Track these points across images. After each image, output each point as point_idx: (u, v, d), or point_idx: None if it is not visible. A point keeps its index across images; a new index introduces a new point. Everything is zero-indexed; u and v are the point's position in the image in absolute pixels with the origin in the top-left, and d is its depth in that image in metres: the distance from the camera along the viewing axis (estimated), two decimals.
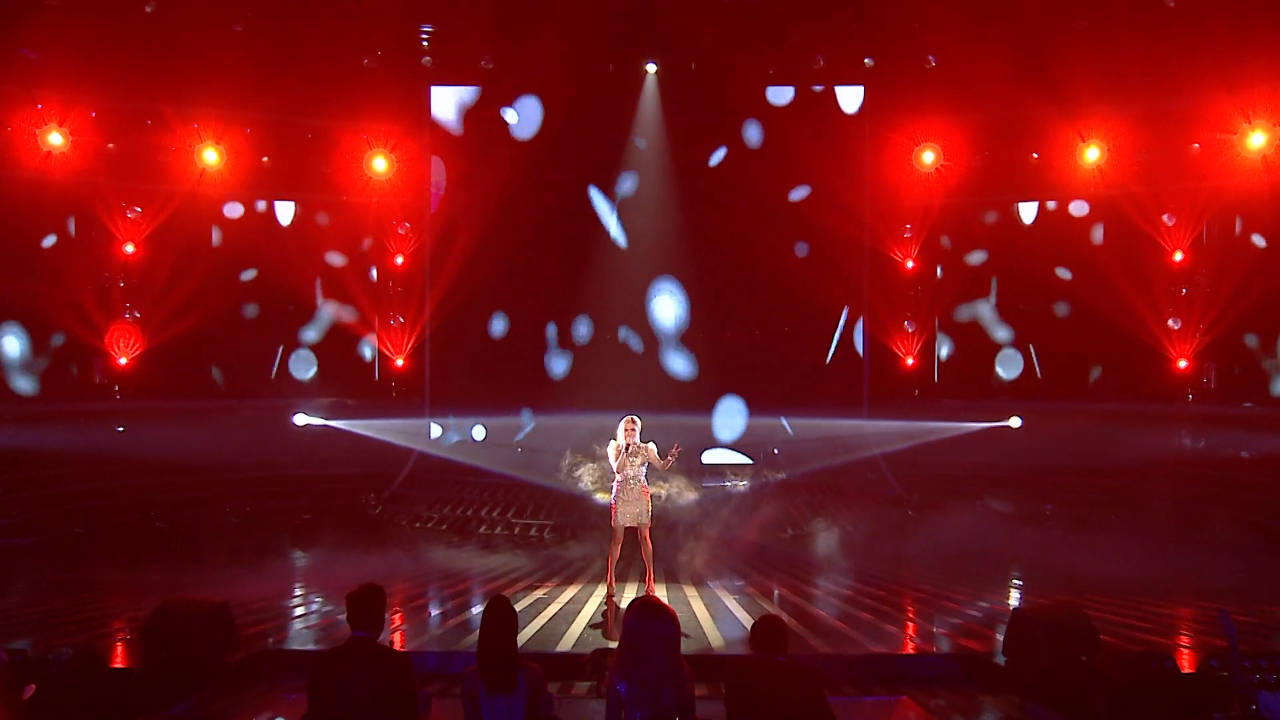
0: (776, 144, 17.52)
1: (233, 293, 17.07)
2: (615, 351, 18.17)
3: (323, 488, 16.34)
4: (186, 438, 15.51)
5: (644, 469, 9.62)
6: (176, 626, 6.97)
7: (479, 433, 18.17)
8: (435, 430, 18.27)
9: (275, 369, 17.80)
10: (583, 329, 18.25)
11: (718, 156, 17.92)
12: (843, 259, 17.94)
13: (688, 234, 17.96)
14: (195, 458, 15.51)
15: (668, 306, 18.21)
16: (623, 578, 10.77)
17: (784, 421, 17.79)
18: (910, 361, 18.26)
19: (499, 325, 18.45)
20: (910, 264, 18.25)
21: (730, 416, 17.89)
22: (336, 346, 18.08)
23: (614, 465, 9.59)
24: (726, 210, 17.95)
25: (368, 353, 18.35)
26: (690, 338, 18.15)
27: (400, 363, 18.34)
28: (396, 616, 8.81)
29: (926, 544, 12.87)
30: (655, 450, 9.63)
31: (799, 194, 17.48)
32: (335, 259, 17.91)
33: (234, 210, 17.44)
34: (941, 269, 18.09)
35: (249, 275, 17.23)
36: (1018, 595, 10.27)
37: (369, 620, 4.71)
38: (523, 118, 17.97)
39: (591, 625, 8.47)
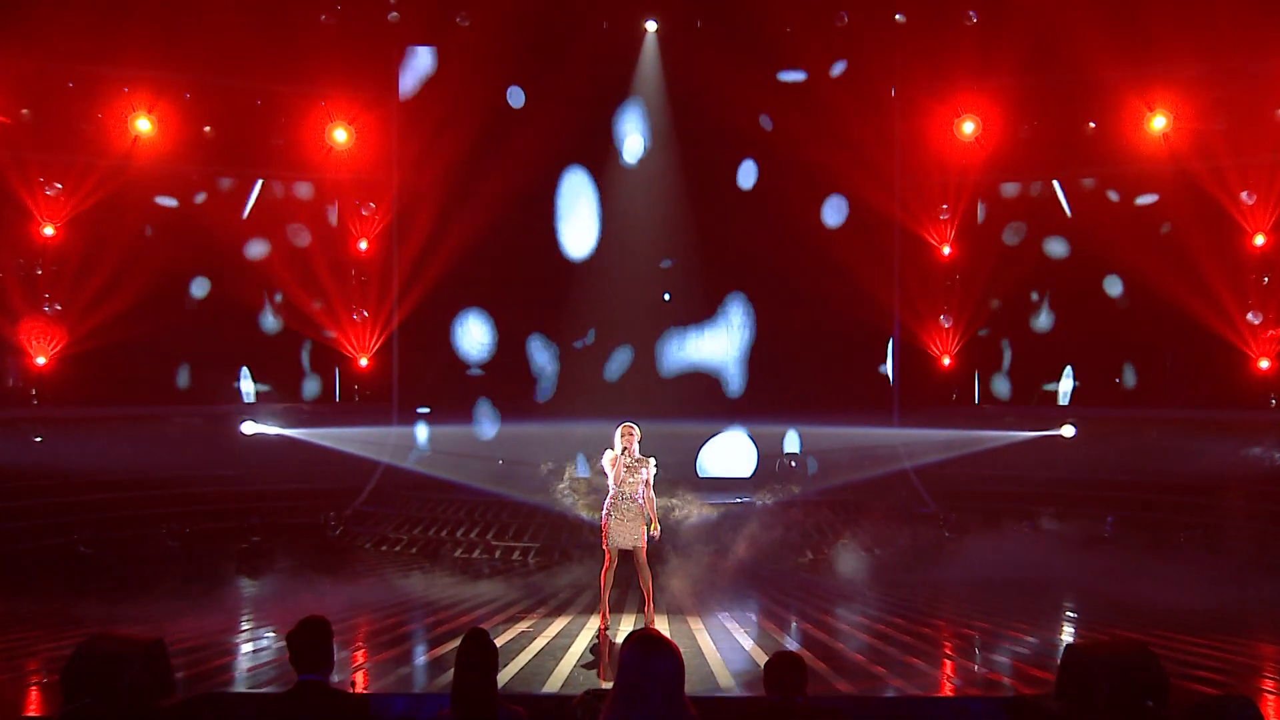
0: (794, 116, 17.50)
1: (171, 282, 17.02)
2: (609, 351, 18.17)
3: (274, 505, 16.31)
4: (116, 449, 15.45)
5: (642, 487, 9.57)
6: (102, 668, 6.90)
7: (421, 434, 18.18)
8: (422, 434, 18.28)
9: (221, 371, 17.78)
10: (573, 326, 18.26)
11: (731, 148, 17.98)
12: (872, 243, 17.94)
13: (692, 217, 17.98)
14: (126, 472, 15.44)
15: (669, 299, 18.25)
16: (618, 608, 10.72)
17: (794, 440, 17.79)
18: (947, 362, 18.25)
19: (477, 320, 18.45)
20: (947, 249, 18.24)
21: (730, 451, 18.00)
22: (291, 344, 18.04)
23: (610, 479, 9.55)
24: (737, 188, 17.95)
25: (328, 351, 18.33)
26: (694, 333, 18.17)
27: (364, 362, 18.31)
28: (359, 653, 8.75)
29: (966, 570, 12.86)
30: (654, 471, 9.59)
31: (821, 171, 17.47)
32: (289, 244, 17.87)
33: (172, 189, 17.39)
34: (982, 254, 18.08)
35: (190, 262, 17.17)
36: (1072, 630, 10.25)
37: (314, 660, 4.67)
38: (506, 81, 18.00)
39: (583, 664, 8.43)
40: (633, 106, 18.22)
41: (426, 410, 18.32)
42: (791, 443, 17.99)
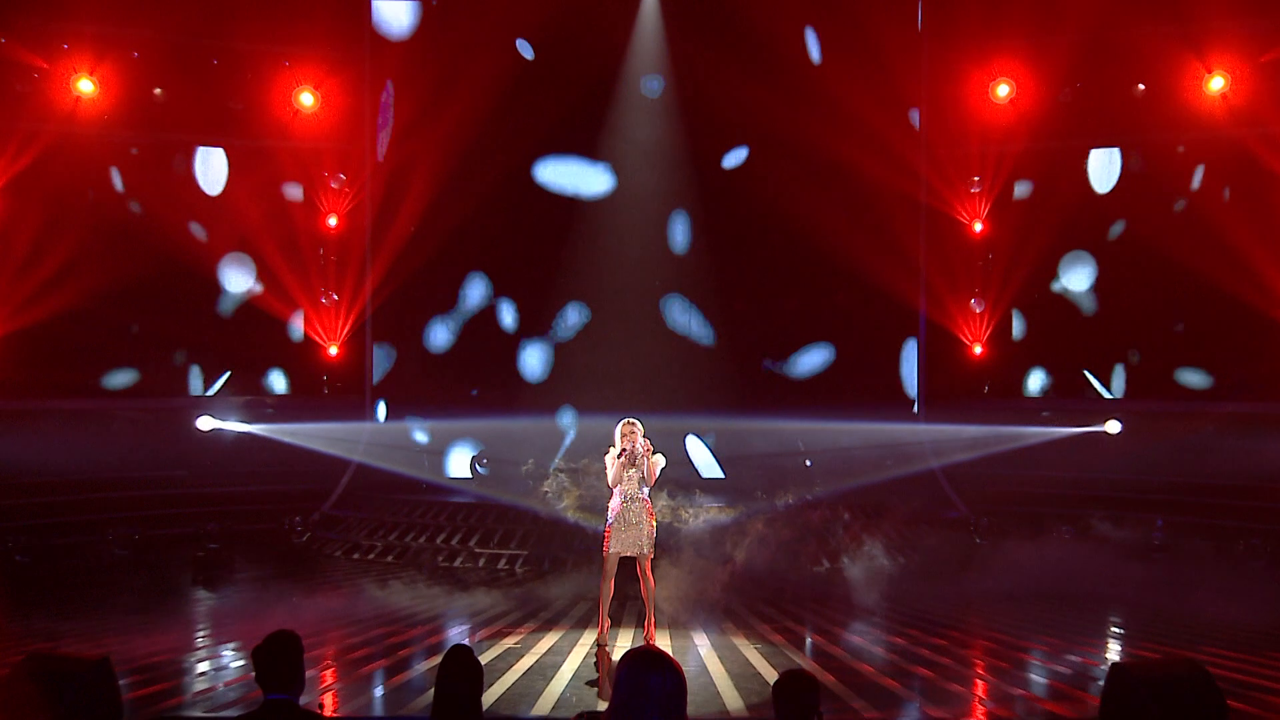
0: (807, 76, 17.46)
1: (117, 261, 16.94)
2: (606, 338, 18.17)
3: (234, 509, 16.31)
4: (57, 446, 15.43)
5: (642, 484, 9.56)
6: (42, 689, 6.88)
7: (421, 437, 18.21)
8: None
9: (172, 360, 17.74)
10: (567, 310, 18.24)
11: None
12: (893, 219, 17.93)
13: (696, 190, 17.98)
14: (69, 472, 15.42)
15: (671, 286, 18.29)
16: (616, 622, 10.71)
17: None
18: (979, 350, 18.24)
19: (461, 304, 18.43)
20: (979, 226, 18.21)
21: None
22: (252, 332, 18.02)
23: (610, 474, 9.54)
24: (746, 160, 17.92)
25: (294, 338, 18.31)
26: (698, 315, 18.16)
27: (334, 351, 18.29)
28: (329, 673, 8.75)
29: (999, 580, 12.87)
30: (661, 463, 9.58)
31: (837, 139, 17.46)
32: (250, 219, 17.80)
33: (118, 157, 17.32)
34: (1017, 231, 18.06)
35: (138, 239, 17.09)
36: (1118, 647, 10.25)
37: (283, 678, 4.67)
38: (492, 42, 17.94)
39: (577, 683, 8.42)
40: (634, 71, 18.22)
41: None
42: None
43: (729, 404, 17.97)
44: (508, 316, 18.39)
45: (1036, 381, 18.36)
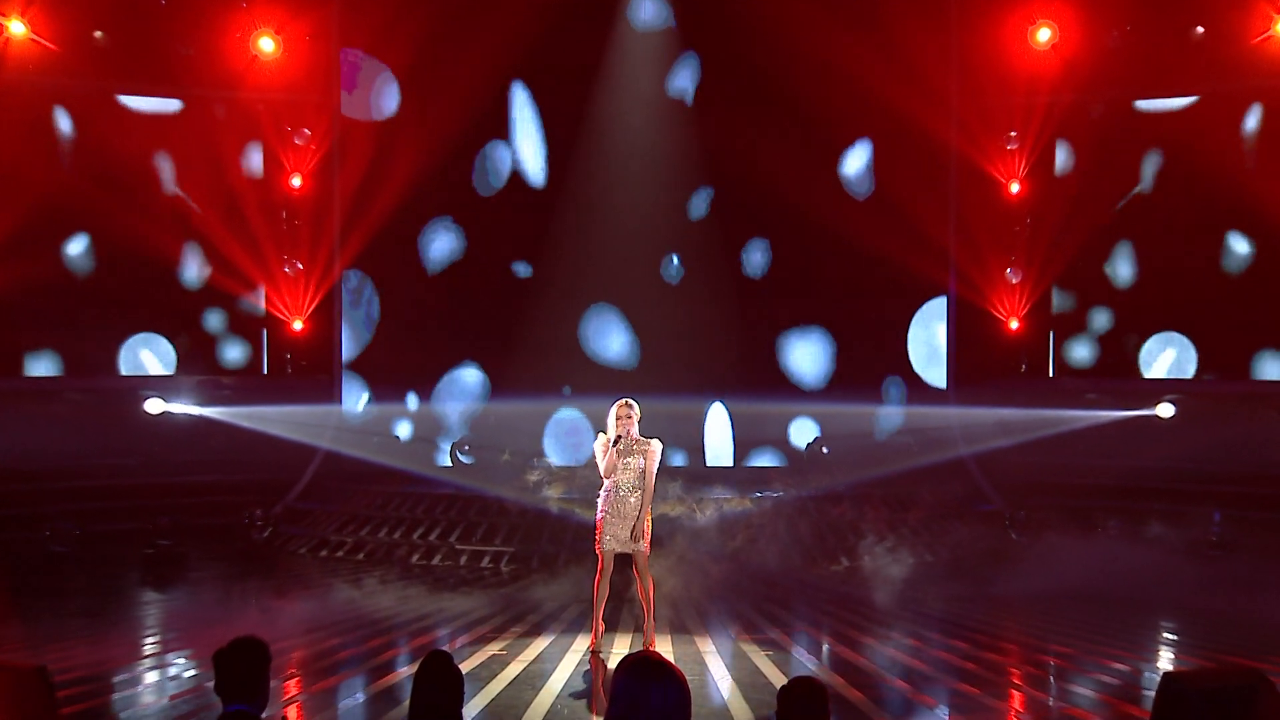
0: (821, 17, 17.35)
1: (54, 224, 16.86)
2: (602, 312, 18.17)
3: (187, 502, 16.27)
4: None
5: (639, 475, 9.53)
6: None
7: (404, 430, 18.22)
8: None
9: (119, 337, 17.70)
10: (557, 282, 18.23)
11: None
12: (922, 178, 17.83)
13: (701, 141, 17.90)
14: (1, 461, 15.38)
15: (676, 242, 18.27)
16: (612, 625, 10.72)
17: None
18: (1015, 325, 18.19)
19: (442, 270, 18.40)
20: (1016, 186, 18.12)
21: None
22: (207, 304, 17.95)
23: (601, 465, 9.50)
24: (751, 107, 17.83)
25: (254, 311, 18.25)
26: (700, 284, 18.14)
27: (298, 326, 18.23)
28: (293, 683, 8.74)
29: (1038, 580, 12.87)
30: (659, 452, 9.54)
31: (861, 89, 17.37)
32: (203, 179, 17.70)
33: (54, 108, 17.20)
34: (1058, 192, 17.96)
35: (77, 200, 16.99)
36: (1170, 655, 10.27)
37: (246, 688, 4.68)
38: None
39: (568, 695, 8.42)
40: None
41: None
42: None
43: (737, 384, 17.95)
44: (496, 280, 18.35)
45: (1079, 359, 18.31)
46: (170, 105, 17.81)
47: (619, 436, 9.42)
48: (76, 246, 17.28)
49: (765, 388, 18.05)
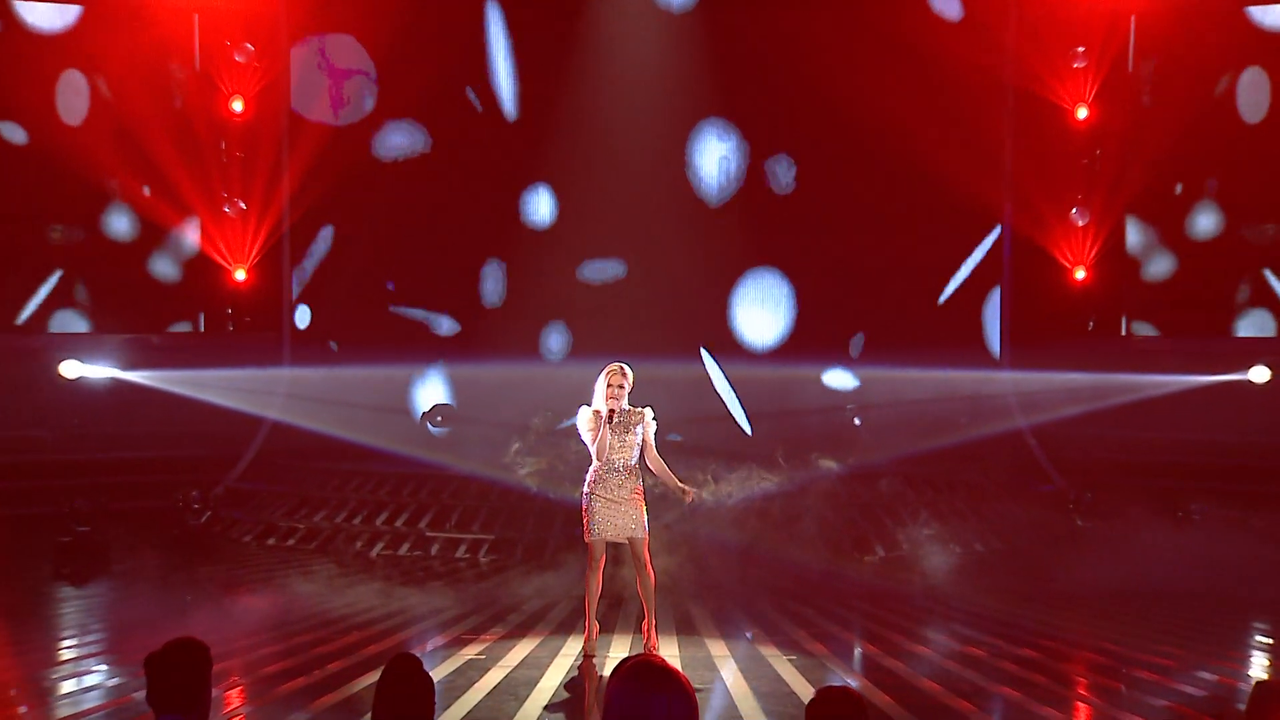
0: None
1: None
2: (600, 265, 18.20)
3: (110, 482, 16.24)
4: None
5: (637, 452, 9.51)
6: None
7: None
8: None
9: (25, 286, 17.64)
10: (546, 209, 18.21)
11: None
12: (972, 102, 17.71)
13: (718, 63, 17.84)
14: None
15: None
16: (607, 626, 10.73)
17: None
18: (1081, 275, 18.14)
19: (411, 211, 18.37)
20: (1083, 112, 18.01)
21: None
22: (132, 249, 17.87)
23: (590, 445, 9.47)
24: (779, 23, 17.77)
25: (187, 257, 18.17)
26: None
27: (241, 276, 18.17)
28: (236, 692, 8.75)
29: (1108, 574, 12.85)
30: (653, 426, 9.52)
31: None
32: (127, 102, 17.58)
33: None
34: (1135, 120, 17.83)
35: None
36: (1264, 661, 10.24)
37: (183, 697, 4.63)
38: None
39: (555, 704, 8.40)
40: None
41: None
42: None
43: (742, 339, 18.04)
44: (476, 224, 18.33)
45: (1159, 315, 18.25)
46: (70, 12, 17.59)
47: (611, 410, 9.37)
48: None
49: (784, 344, 18.06)
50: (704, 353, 18.22)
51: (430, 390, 18.32)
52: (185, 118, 17.93)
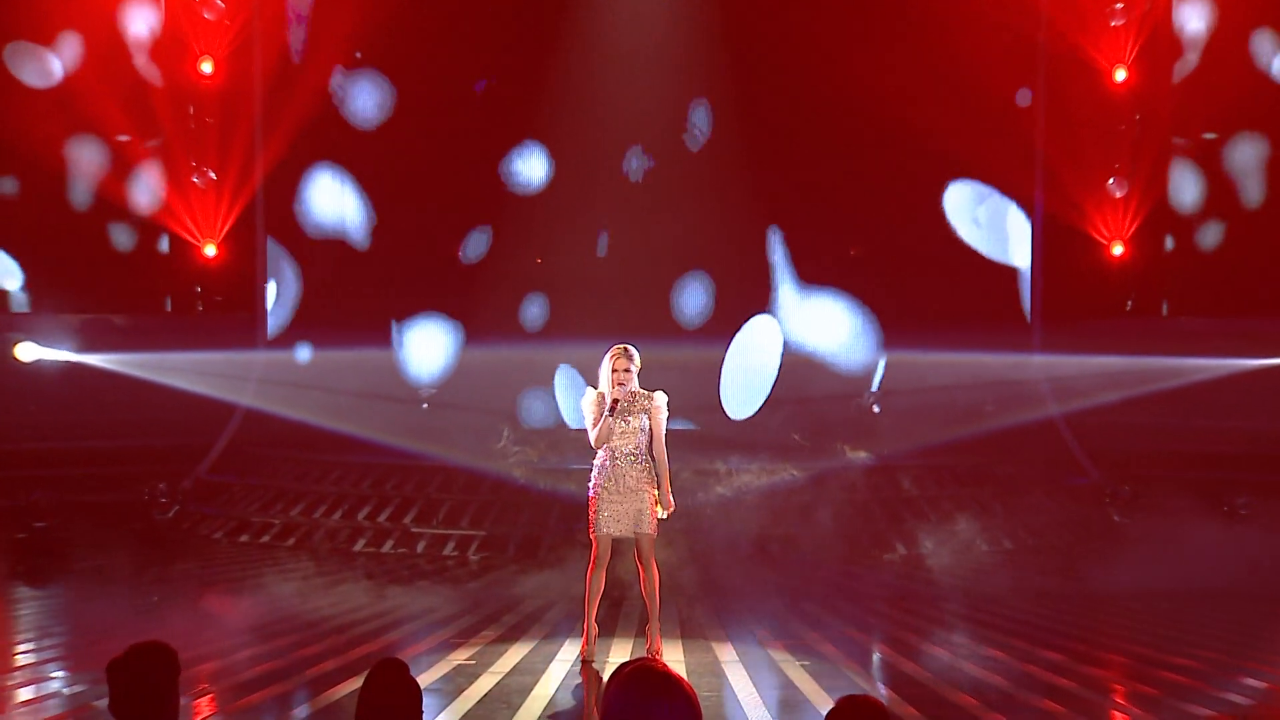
0: None
1: None
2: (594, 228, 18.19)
3: (70, 473, 16.27)
4: None
5: (644, 439, 9.48)
6: None
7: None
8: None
9: None
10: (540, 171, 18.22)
11: None
12: (1000, 60, 17.65)
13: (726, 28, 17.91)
14: None
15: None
16: (607, 629, 10.72)
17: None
18: (1119, 250, 18.09)
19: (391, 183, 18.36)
20: (1122, 74, 17.94)
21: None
22: (93, 222, 17.83)
23: (590, 430, 9.46)
24: None
25: (153, 232, 18.12)
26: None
27: (211, 252, 18.14)
28: (206, 701, 8.74)
29: (1146, 573, 12.85)
30: (665, 414, 9.49)
31: None
32: (88, 63, 17.52)
33: None
34: (1180, 81, 17.76)
35: None
36: None
37: (148, 705, 4.62)
38: None
39: (551, 714, 8.38)
40: None
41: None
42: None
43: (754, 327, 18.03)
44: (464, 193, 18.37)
45: (1203, 293, 18.21)
46: None
47: (615, 399, 9.34)
48: None
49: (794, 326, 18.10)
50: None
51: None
52: (150, 80, 17.84)
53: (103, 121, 17.53)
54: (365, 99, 18.40)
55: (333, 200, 18.59)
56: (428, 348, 18.51)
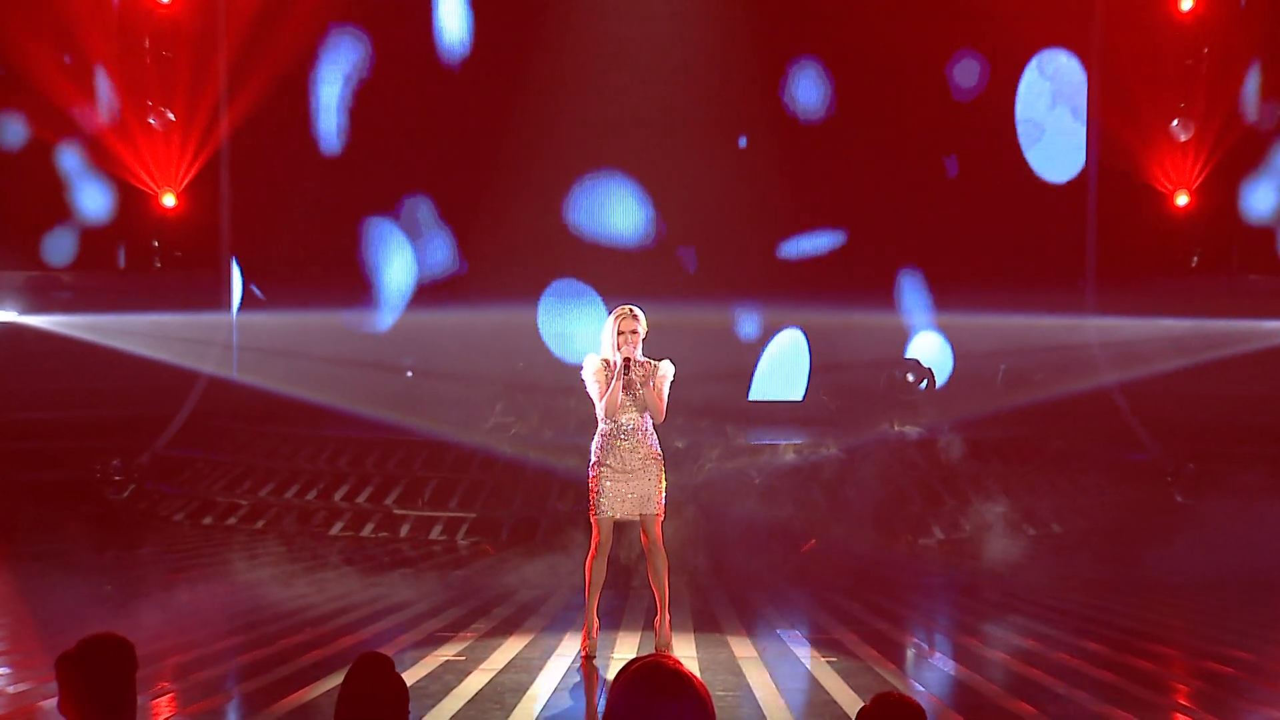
0: None
1: None
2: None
3: (14, 448, 16.36)
4: None
5: (649, 413, 9.50)
6: None
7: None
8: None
9: None
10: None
11: None
12: None
13: None
14: None
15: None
16: (611, 620, 10.76)
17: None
18: (1183, 200, 18.04)
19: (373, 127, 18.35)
20: (1188, 3, 17.87)
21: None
22: (35, 166, 17.83)
23: (597, 401, 9.48)
24: None
25: (105, 180, 18.13)
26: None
27: (170, 202, 18.12)
28: (162, 701, 8.78)
29: (1212, 560, 12.82)
30: (670, 378, 9.50)
31: None
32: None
33: None
34: (1250, 12, 17.73)
35: None
36: None
37: (101, 704, 4.64)
38: None
39: (549, 715, 8.41)
40: None
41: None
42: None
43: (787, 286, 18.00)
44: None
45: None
46: None
47: (626, 359, 9.34)
48: None
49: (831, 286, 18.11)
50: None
51: None
52: (104, 12, 17.81)
53: (38, 49, 17.45)
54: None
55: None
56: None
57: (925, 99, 18.08)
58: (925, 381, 17.27)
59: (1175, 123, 18.06)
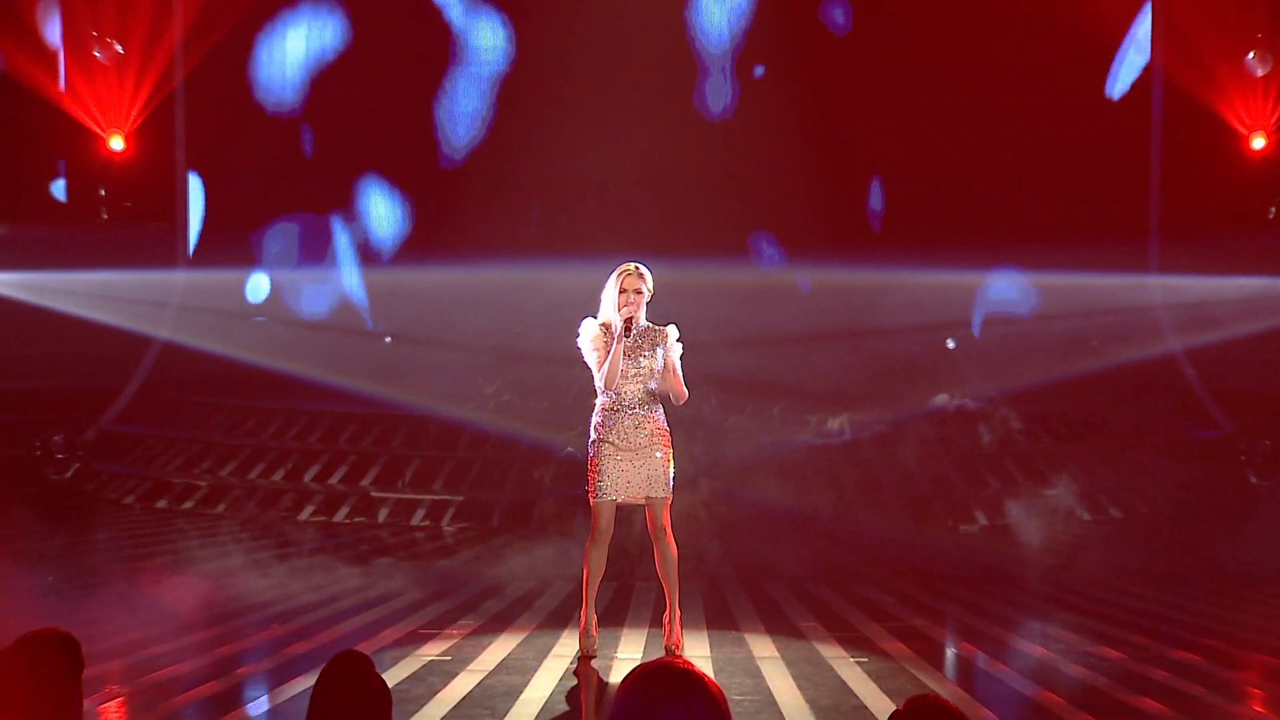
0: None
1: None
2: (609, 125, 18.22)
3: None
4: None
5: (655, 383, 9.50)
6: None
7: (258, 288, 18.27)
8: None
9: None
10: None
11: None
12: None
13: None
14: None
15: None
16: (614, 616, 10.82)
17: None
18: (1260, 144, 18.01)
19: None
20: None
21: None
22: None
23: (596, 370, 9.48)
24: None
25: (41, 117, 18.15)
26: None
27: (118, 145, 18.13)
28: (111, 705, 8.81)
29: None
30: (678, 349, 9.50)
31: None
32: None
33: None
34: None
35: None
36: None
37: (42, 707, 4.67)
38: None
39: (548, 718, 8.48)
40: None
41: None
42: None
43: (818, 241, 18.00)
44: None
45: None
46: None
47: (627, 320, 9.34)
48: None
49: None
50: None
51: None
52: None
53: None
54: None
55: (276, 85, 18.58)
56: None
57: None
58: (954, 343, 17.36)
59: (1251, 55, 18.01)
